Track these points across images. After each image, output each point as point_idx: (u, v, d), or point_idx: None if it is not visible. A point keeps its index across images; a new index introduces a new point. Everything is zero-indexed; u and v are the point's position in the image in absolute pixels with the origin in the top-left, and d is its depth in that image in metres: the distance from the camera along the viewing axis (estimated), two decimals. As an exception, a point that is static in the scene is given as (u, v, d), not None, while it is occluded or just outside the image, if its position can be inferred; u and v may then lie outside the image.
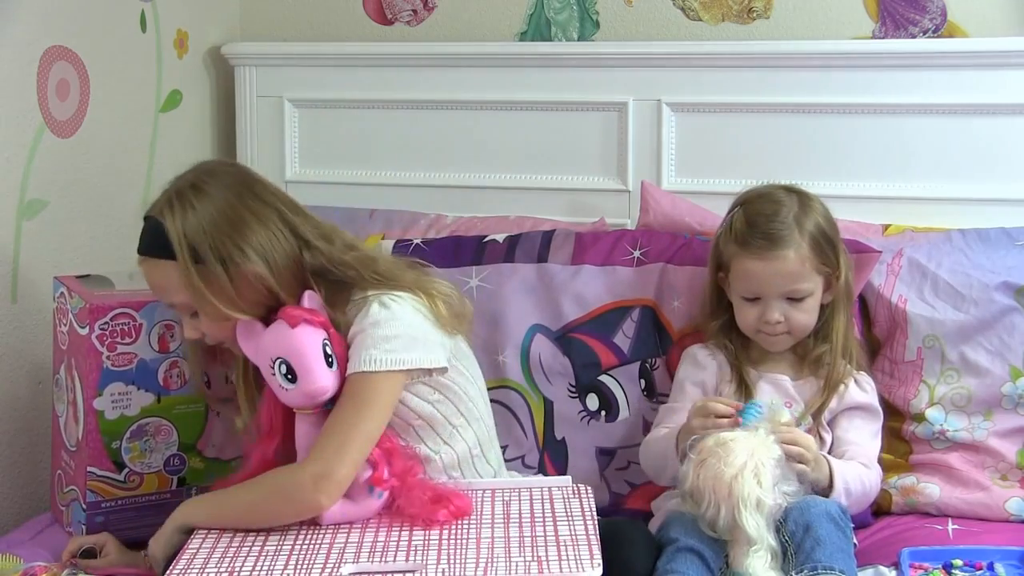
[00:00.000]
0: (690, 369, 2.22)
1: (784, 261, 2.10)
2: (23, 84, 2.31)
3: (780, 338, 2.15)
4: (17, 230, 2.32)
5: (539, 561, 1.67)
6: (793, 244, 2.11)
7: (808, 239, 2.12)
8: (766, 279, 2.12)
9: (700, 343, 2.27)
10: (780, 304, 2.12)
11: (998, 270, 2.32)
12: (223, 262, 1.88)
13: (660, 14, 2.77)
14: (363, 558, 1.71)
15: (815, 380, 2.18)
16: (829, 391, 2.15)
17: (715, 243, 2.23)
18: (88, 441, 2.05)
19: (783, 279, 2.11)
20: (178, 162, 2.77)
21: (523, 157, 2.74)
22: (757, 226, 2.13)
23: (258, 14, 2.97)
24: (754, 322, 2.14)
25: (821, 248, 2.13)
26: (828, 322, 2.19)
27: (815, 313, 2.16)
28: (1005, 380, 2.26)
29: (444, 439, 2.00)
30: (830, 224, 2.18)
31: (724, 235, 2.19)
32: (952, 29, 2.62)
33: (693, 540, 1.89)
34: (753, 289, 2.14)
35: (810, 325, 2.16)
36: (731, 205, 2.23)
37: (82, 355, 2.06)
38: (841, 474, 2.02)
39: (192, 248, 1.89)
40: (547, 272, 2.41)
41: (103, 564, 1.99)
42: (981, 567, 1.96)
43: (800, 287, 2.12)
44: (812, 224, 2.14)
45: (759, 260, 2.11)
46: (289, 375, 1.84)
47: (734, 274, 2.16)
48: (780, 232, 2.11)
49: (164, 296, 1.98)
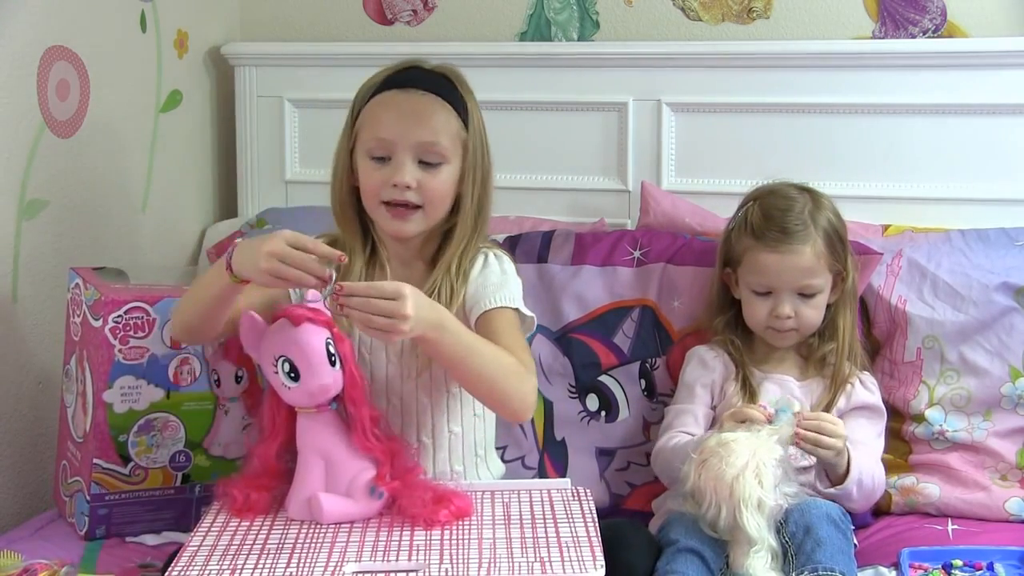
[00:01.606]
0: (699, 371, 2.22)
1: (800, 255, 2.13)
2: (23, 84, 2.31)
3: (788, 334, 2.17)
4: (17, 230, 2.32)
5: (541, 562, 1.67)
6: (809, 239, 2.14)
7: (822, 235, 2.15)
8: (781, 272, 2.13)
9: (702, 343, 2.27)
10: (791, 299, 2.14)
11: (997, 270, 2.33)
12: (474, 149, 2.03)
13: (660, 14, 2.77)
14: (365, 557, 1.71)
15: (821, 380, 2.19)
16: (836, 390, 2.17)
17: (726, 237, 2.25)
18: (95, 433, 2.06)
19: (797, 273, 2.13)
20: (178, 162, 2.80)
21: (523, 157, 2.74)
22: (773, 219, 2.15)
23: (258, 14, 2.97)
24: (764, 317, 2.16)
25: (833, 245, 2.16)
26: (833, 321, 2.21)
27: (823, 311, 2.18)
28: (1005, 380, 2.26)
29: (464, 419, 2.07)
30: (840, 221, 2.20)
31: (738, 229, 2.21)
32: (952, 29, 2.63)
33: (693, 541, 1.89)
34: (766, 283, 2.15)
35: (817, 322, 2.17)
36: (743, 200, 2.25)
37: (94, 347, 2.06)
38: (858, 464, 2.05)
39: (470, 112, 2.04)
40: (547, 272, 2.41)
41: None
42: (981, 567, 1.96)
43: (812, 282, 2.14)
44: (825, 220, 2.17)
45: (775, 253, 2.13)
46: (292, 373, 1.84)
47: (746, 268, 2.18)
48: (796, 227, 2.14)
49: (418, 128, 1.99)
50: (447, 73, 2.06)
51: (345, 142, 2.06)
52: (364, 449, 1.86)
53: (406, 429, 2.05)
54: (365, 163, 2.01)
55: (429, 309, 1.82)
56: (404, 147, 1.98)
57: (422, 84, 2.02)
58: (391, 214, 1.98)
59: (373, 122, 2.01)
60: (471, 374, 1.89)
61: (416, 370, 2.03)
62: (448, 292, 2.03)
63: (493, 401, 1.95)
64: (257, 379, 2.18)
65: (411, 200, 1.98)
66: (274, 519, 1.86)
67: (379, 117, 2.00)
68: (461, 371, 1.90)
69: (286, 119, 2.87)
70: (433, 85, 2.03)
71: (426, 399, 2.05)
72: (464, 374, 1.90)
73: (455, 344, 1.86)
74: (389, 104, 2.01)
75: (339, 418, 1.89)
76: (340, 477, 1.86)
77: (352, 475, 1.86)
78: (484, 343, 1.91)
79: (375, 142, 2.00)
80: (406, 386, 2.05)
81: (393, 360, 2.04)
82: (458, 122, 2.03)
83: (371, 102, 2.02)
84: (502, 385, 1.90)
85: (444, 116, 2.02)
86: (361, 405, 1.87)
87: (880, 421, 2.20)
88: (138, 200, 2.66)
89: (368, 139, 2.01)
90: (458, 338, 1.86)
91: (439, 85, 2.03)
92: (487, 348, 1.90)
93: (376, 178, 1.99)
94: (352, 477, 1.86)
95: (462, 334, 1.87)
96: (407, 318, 1.75)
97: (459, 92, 2.05)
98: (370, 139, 2.00)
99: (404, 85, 2.02)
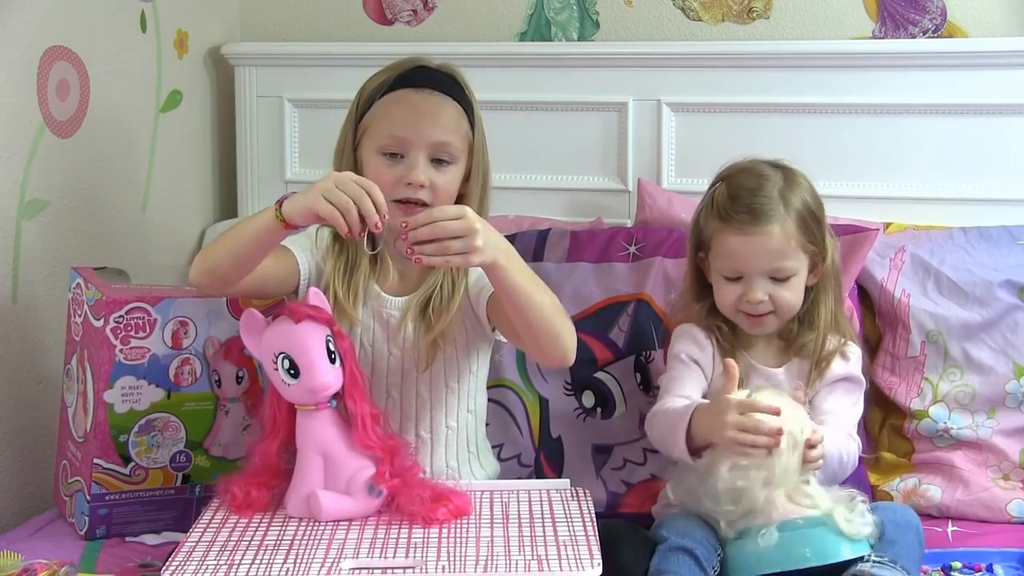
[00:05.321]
0: (690, 345, 2.10)
1: (768, 237, 2.01)
2: (23, 84, 2.31)
3: (766, 319, 2.06)
4: (17, 230, 2.32)
5: (539, 560, 1.67)
6: (778, 219, 2.01)
7: (794, 215, 2.02)
8: (749, 256, 2.02)
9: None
10: (763, 283, 2.03)
11: (1001, 268, 2.33)
12: (479, 150, 2.07)
13: (660, 14, 2.77)
14: (363, 554, 1.71)
15: (799, 361, 2.08)
16: (819, 375, 2.06)
17: (695, 220, 2.13)
18: (96, 433, 2.06)
19: (767, 256, 2.02)
20: (178, 162, 2.80)
21: (523, 157, 2.74)
22: (740, 200, 2.03)
23: (258, 14, 2.98)
24: (735, 302, 2.05)
25: (807, 225, 2.04)
26: (813, 307, 2.09)
27: (800, 292, 2.06)
28: (1009, 378, 2.27)
29: (460, 415, 2.09)
30: (816, 201, 2.07)
31: (705, 211, 2.09)
32: (952, 29, 2.63)
33: (686, 540, 1.85)
34: (735, 267, 2.04)
35: (796, 305, 2.06)
36: (713, 180, 2.13)
37: (95, 347, 2.06)
38: (827, 449, 1.92)
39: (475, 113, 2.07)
40: (542, 271, 2.39)
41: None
42: (980, 569, 1.96)
43: (784, 265, 2.02)
44: (798, 200, 2.04)
45: (742, 235, 2.02)
46: (292, 370, 1.84)
47: (715, 252, 2.07)
48: (764, 206, 2.01)
49: (433, 128, 2.01)
50: (453, 73, 2.08)
51: (350, 138, 2.06)
52: (364, 447, 1.86)
53: (405, 423, 2.07)
54: (375, 160, 2.02)
55: (495, 232, 1.82)
56: (419, 145, 2.00)
57: (434, 84, 2.04)
58: (403, 211, 1.99)
59: (387, 119, 2.02)
60: (534, 307, 1.85)
61: (418, 364, 2.04)
62: (450, 287, 2.04)
63: (548, 338, 1.89)
64: (258, 380, 2.18)
65: (422, 198, 1.99)
66: (273, 516, 1.86)
67: (393, 115, 2.01)
68: (525, 302, 1.85)
69: (286, 119, 2.87)
70: (444, 85, 2.05)
71: (426, 393, 2.06)
72: (527, 306, 1.85)
73: (524, 272, 1.85)
74: (404, 102, 2.02)
75: (339, 416, 1.89)
76: (339, 474, 1.86)
77: (351, 473, 1.86)
78: (544, 288, 1.90)
79: (390, 139, 2.01)
80: (407, 380, 2.06)
81: (395, 353, 2.05)
82: (467, 123, 2.05)
83: (384, 99, 2.03)
84: (560, 321, 1.90)
85: (455, 116, 2.04)
86: (361, 402, 1.88)
87: (857, 390, 2.10)
88: (138, 200, 2.66)
89: (382, 136, 2.01)
90: (524, 267, 1.87)
91: (449, 85, 2.05)
92: (541, 282, 1.90)
93: (389, 175, 2.00)
94: (351, 475, 1.86)
95: (524, 264, 1.87)
96: (477, 232, 1.75)
97: (466, 93, 2.07)
98: (384, 136, 2.01)
99: (417, 84, 2.03)
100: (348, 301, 2.03)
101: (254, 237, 1.87)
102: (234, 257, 1.90)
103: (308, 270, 2.04)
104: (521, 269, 1.85)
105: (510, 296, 1.85)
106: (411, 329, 2.04)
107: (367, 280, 2.06)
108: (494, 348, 2.21)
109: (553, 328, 1.88)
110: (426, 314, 2.04)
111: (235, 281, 1.93)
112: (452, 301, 2.03)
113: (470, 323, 2.08)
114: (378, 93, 2.04)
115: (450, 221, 1.75)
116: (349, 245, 2.05)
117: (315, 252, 2.07)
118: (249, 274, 1.92)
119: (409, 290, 2.07)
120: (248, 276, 1.92)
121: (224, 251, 1.91)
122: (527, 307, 1.85)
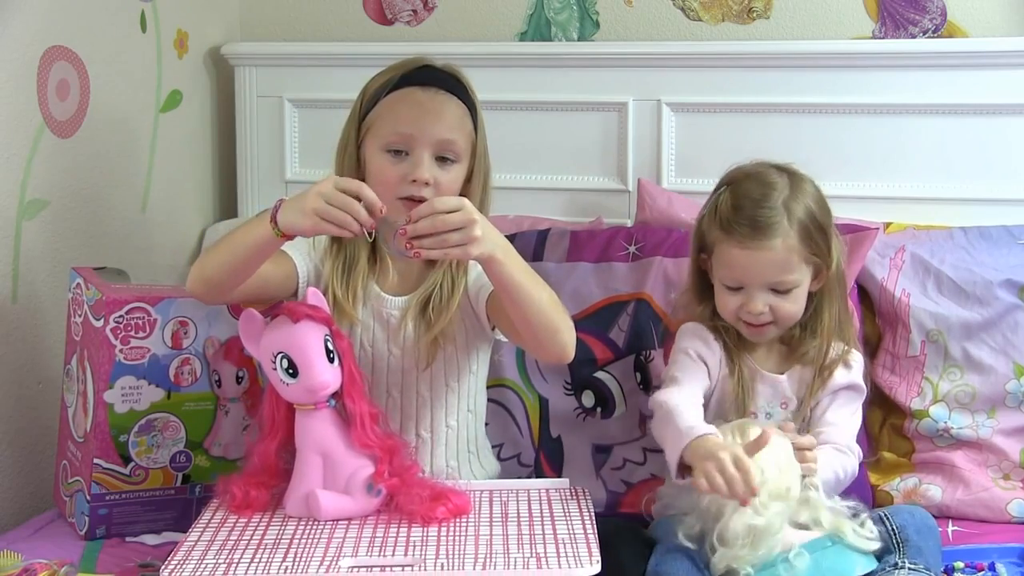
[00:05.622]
0: (699, 344, 2.06)
1: (770, 252, 1.97)
2: (23, 84, 2.31)
3: (766, 328, 2.03)
4: (17, 230, 2.32)
5: (537, 558, 1.68)
6: (781, 233, 1.97)
7: (797, 227, 1.98)
8: (749, 269, 1.99)
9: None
10: (764, 295, 2.00)
11: (1001, 268, 2.33)
12: (481, 150, 2.08)
13: (660, 14, 2.77)
14: (361, 552, 1.71)
15: (801, 368, 2.07)
16: (821, 384, 2.05)
17: (698, 224, 2.09)
18: (96, 433, 2.06)
19: (768, 270, 1.98)
20: (178, 162, 2.80)
21: (523, 157, 2.74)
22: (743, 210, 1.98)
23: (258, 14, 2.98)
24: (735, 310, 2.02)
25: (811, 237, 1.99)
26: (817, 313, 2.06)
27: (802, 302, 2.03)
28: (1010, 378, 2.26)
29: (460, 415, 2.10)
30: (822, 209, 2.03)
31: (708, 216, 2.05)
32: (952, 29, 2.63)
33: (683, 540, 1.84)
34: (736, 278, 2.01)
35: (797, 315, 2.03)
36: (719, 182, 2.09)
37: (95, 347, 2.06)
38: (823, 467, 1.91)
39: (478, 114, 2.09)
40: (542, 271, 2.37)
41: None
42: (983, 568, 1.96)
43: (786, 279, 1.99)
44: (802, 210, 1.99)
45: (743, 249, 1.98)
46: (290, 370, 1.85)
47: (716, 260, 2.04)
48: (768, 219, 1.97)
49: (438, 126, 2.02)
50: (457, 74, 2.08)
51: (353, 136, 2.07)
52: (363, 446, 1.87)
53: (405, 423, 2.07)
54: (379, 157, 2.02)
55: (493, 229, 1.83)
56: (424, 143, 2.00)
57: (440, 83, 2.05)
58: (407, 208, 1.98)
59: (392, 116, 2.02)
60: (532, 302, 1.86)
61: (418, 363, 2.04)
62: (449, 285, 2.05)
63: (547, 333, 1.90)
64: (258, 380, 2.18)
65: (426, 196, 1.99)
66: (272, 516, 1.86)
67: (399, 112, 2.02)
68: (523, 297, 1.85)
69: (286, 119, 2.87)
70: (449, 85, 2.06)
71: (426, 393, 2.07)
72: (525, 301, 1.86)
73: (521, 267, 1.86)
74: (410, 100, 2.03)
75: (338, 415, 1.90)
76: (338, 474, 1.86)
77: (350, 472, 1.86)
78: (544, 285, 1.91)
79: (395, 136, 2.01)
80: (407, 380, 2.06)
81: (395, 353, 2.05)
82: (471, 123, 2.06)
83: (389, 97, 2.04)
84: (559, 316, 1.91)
85: (460, 115, 2.05)
86: (360, 402, 1.88)
87: (858, 398, 2.08)
88: (138, 200, 2.66)
89: (387, 133, 2.02)
90: (522, 262, 1.87)
91: (454, 85, 2.06)
92: (539, 278, 1.91)
93: (394, 173, 2.00)
94: (350, 474, 1.86)
95: (521, 260, 1.88)
96: (475, 222, 1.76)
97: (470, 94, 2.08)
98: (390, 133, 2.02)
99: (423, 83, 2.04)
100: (348, 301, 2.03)
101: (252, 249, 1.88)
102: (231, 268, 1.91)
103: (306, 273, 2.05)
104: (519, 265, 1.85)
105: (508, 291, 1.85)
106: (411, 328, 2.04)
107: (366, 280, 2.06)
108: (494, 348, 2.21)
109: (552, 323, 1.88)
110: (426, 313, 2.04)
111: (231, 290, 1.94)
112: (452, 300, 2.03)
113: (470, 322, 2.08)
114: (383, 91, 2.05)
115: (450, 214, 1.76)
116: (348, 245, 2.06)
117: (313, 254, 2.07)
118: (251, 278, 1.93)
119: (409, 289, 2.07)
120: (245, 284, 1.93)
121: (220, 262, 1.91)
122: (525, 302, 1.85)
